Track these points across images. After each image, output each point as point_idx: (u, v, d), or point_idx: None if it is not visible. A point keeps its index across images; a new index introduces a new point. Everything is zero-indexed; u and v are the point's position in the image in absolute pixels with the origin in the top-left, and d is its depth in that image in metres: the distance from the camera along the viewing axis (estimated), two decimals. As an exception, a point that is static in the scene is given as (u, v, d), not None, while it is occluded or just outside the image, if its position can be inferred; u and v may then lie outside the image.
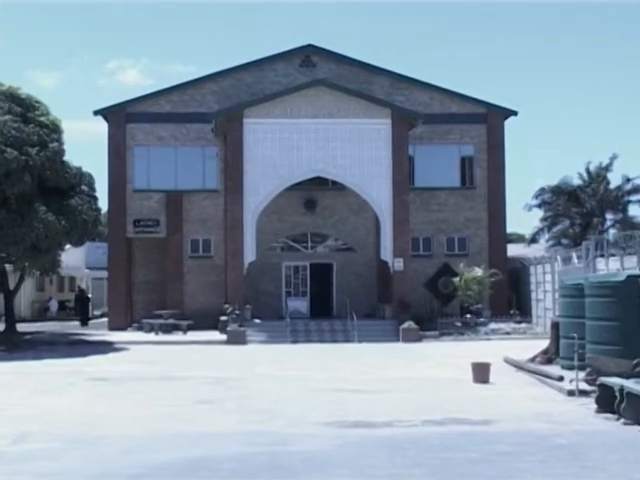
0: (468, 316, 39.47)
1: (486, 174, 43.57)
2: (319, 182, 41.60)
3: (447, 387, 20.58)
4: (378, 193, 39.53)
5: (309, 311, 42.07)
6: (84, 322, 48.88)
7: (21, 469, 11.38)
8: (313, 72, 42.90)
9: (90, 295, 56.86)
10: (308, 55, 43.55)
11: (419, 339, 36.25)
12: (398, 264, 39.22)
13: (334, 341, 36.58)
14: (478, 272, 39.58)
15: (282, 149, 39.21)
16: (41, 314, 57.66)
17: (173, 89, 43.54)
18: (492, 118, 43.70)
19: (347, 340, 36.48)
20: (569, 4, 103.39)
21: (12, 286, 41.83)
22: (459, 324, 38.75)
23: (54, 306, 58.46)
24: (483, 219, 43.52)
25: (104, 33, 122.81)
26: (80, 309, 52.20)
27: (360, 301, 41.18)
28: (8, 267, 40.62)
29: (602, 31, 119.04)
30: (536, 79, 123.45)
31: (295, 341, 36.30)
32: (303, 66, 43.28)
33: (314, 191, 42.70)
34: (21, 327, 42.86)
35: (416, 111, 41.33)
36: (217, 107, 42.00)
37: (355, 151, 39.38)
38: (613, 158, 53.49)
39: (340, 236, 43.46)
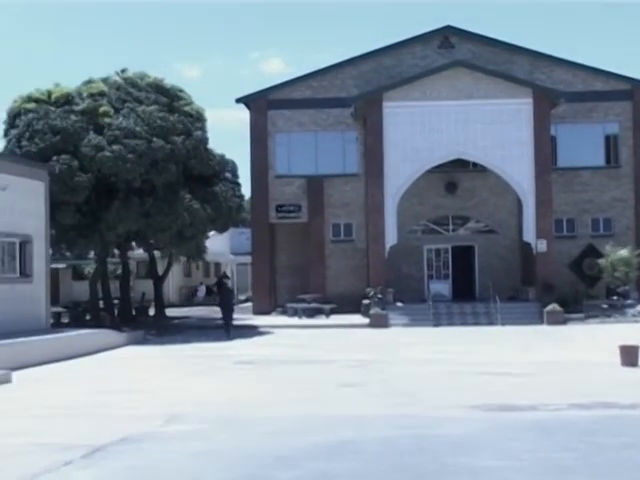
0: (614, 298, 38.56)
1: (632, 152, 42.42)
2: (460, 164, 41.30)
3: (594, 370, 20.18)
4: (520, 174, 39.01)
5: (451, 294, 41.89)
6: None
7: (173, 449, 11.72)
8: (452, 53, 42.56)
9: (227, 281, 57.80)
10: (447, 36, 43.21)
11: (564, 322, 35.65)
12: (541, 245, 38.64)
13: (477, 324, 36.35)
14: (625, 253, 38.58)
15: (422, 132, 39.08)
16: (188, 299, 59.13)
17: (313, 75, 43.86)
18: (638, 95, 42.46)
19: (490, 323, 36.21)
20: None
21: (160, 272, 43.05)
22: (605, 306, 37.88)
23: (202, 291, 59.84)
24: (629, 199, 42.41)
25: (247, 24, 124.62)
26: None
27: (503, 283, 40.72)
28: (156, 254, 41.84)
29: None
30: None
31: (437, 324, 36.22)
32: (442, 48, 42.96)
33: (455, 173, 42.42)
34: (170, 312, 44.14)
35: (558, 90, 40.60)
36: (356, 91, 42.13)
37: (496, 132, 38.93)
38: None
39: (481, 218, 43.07)
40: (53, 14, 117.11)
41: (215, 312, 44.83)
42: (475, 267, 43.06)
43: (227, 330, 32.83)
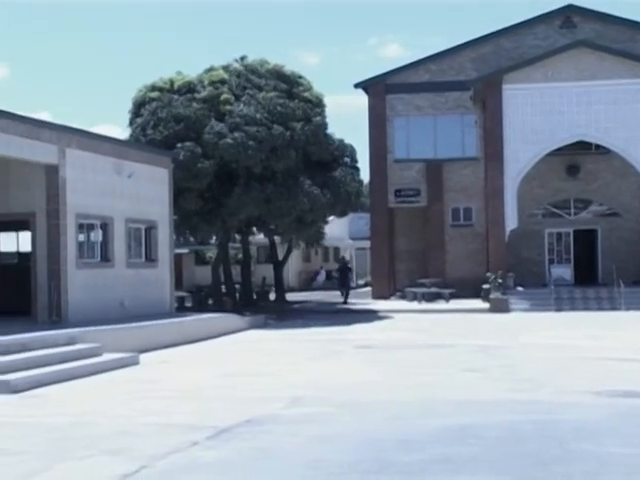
0: None
1: None
2: (581, 146, 40.53)
3: None
4: (645, 156, 38.10)
5: (573, 278, 41.24)
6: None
7: (296, 431, 11.90)
8: (574, 33, 41.76)
9: (350, 265, 58.10)
10: (568, 16, 42.41)
11: (692, 307, 34.76)
12: (667, 229, 37.72)
13: (600, 309, 35.73)
14: None
15: (542, 114, 38.50)
16: (308, 284, 59.62)
17: (431, 58, 43.66)
18: None
19: (613, 308, 35.55)
20: None
21: (280, 257, 43.54)
22: None
23: (322, 276, 60.29)
24: None
25: (365, 10, 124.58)
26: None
27: (627, 268, 39.93)
28: (277, 239, 42.31)
29: None
30: None
31: (559, 309, 35.72)
32: (563, 27, 42.20)
33: (576, 156, 41.67)
34: (290, 296, 44.61)
35: (686, 68, 39.44)
36: (475, 74, 41.76)
37: (619, 112, 38.08)
38: None
39: (604, 201, 42.24)
40: (175, 5, 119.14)
41: (334, 297, 45.22)
42: (598, 251, 42.30)
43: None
